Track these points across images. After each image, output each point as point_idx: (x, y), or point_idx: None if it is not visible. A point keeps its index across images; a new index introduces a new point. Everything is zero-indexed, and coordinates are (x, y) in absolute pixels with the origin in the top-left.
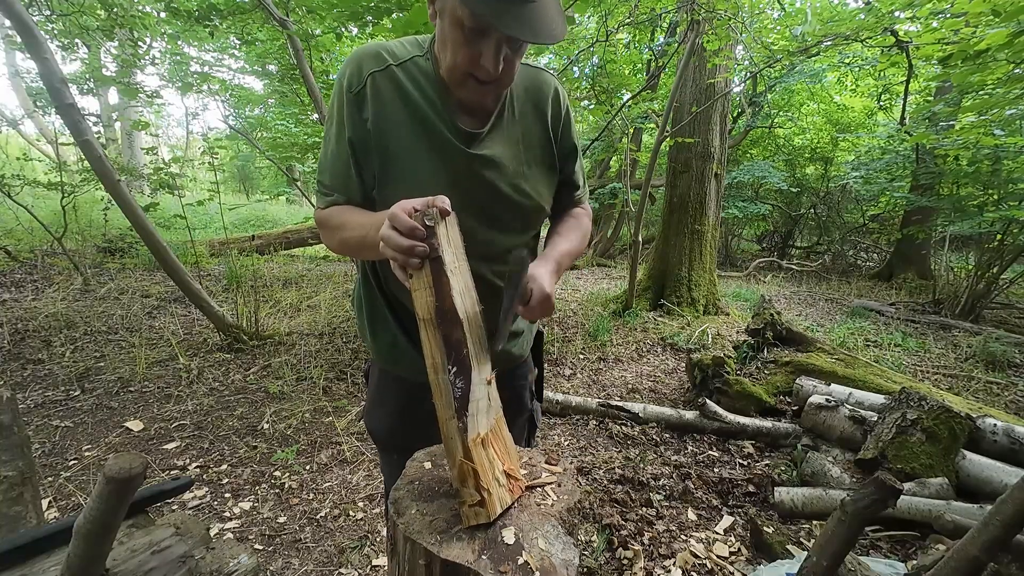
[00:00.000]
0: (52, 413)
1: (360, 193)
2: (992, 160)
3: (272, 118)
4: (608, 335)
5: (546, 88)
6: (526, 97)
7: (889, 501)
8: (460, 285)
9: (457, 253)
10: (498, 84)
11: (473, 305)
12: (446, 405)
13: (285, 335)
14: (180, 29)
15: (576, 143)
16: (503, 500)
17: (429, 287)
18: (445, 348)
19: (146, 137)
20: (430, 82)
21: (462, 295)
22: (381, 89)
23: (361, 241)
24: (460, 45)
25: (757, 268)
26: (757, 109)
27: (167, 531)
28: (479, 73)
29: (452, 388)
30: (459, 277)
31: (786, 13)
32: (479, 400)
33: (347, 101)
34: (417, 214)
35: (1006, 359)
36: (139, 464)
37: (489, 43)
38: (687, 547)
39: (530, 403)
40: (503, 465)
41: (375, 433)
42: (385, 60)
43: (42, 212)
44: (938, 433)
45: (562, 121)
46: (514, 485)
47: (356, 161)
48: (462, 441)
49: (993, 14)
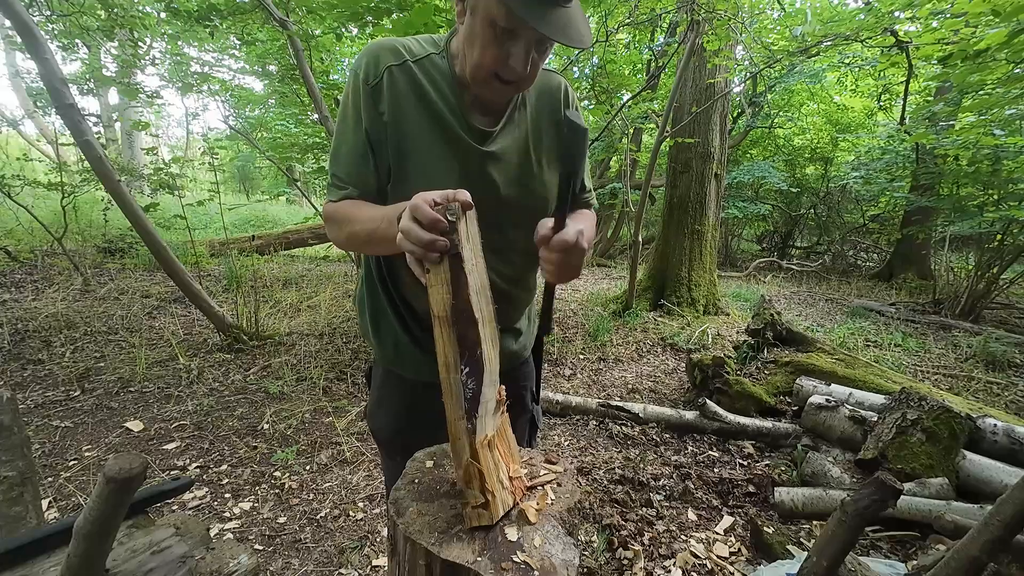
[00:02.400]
0: (52, 413)
1: (375, 186)
2: (992, 160)
3: (272, 118)
4: (608, 335)
5: (555, 87)
6: (537, 95)
7: (889, 501)
8: (477, 284)
9: (475, 250)
10: (519, 85)
11: (488, 305)
12: (456, 405)
13: (285, 335)
14: (180, 29)
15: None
16: (506, 503)
17: (446, 283)
18: (459, 347)
19: (146, 137)
20: (445, 80)
21: (478, 294)
22: (398, 83)
23: (371, 235)
24: (490, 43)
25: (757, 268)
26: (757, 109)
27: (167, 531)
28: (505, 73)
29: (464, 388)
30: (476, 276)
31: (786, 13)
32: (488, 401)
33: (364, 93)
34: (439, 207)
35: (1006, 359)
36: (139, 464)
37: (519, 44)
38: (687, 547)
39: (531, 405)
40: (507, 468)
41: (378, 434)
42: (402, 55)
43: (42, 212)
44: (938, 433)
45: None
46: (516, 486)
47: (373, 153)
48: (470, 442)
49: (993, 14)
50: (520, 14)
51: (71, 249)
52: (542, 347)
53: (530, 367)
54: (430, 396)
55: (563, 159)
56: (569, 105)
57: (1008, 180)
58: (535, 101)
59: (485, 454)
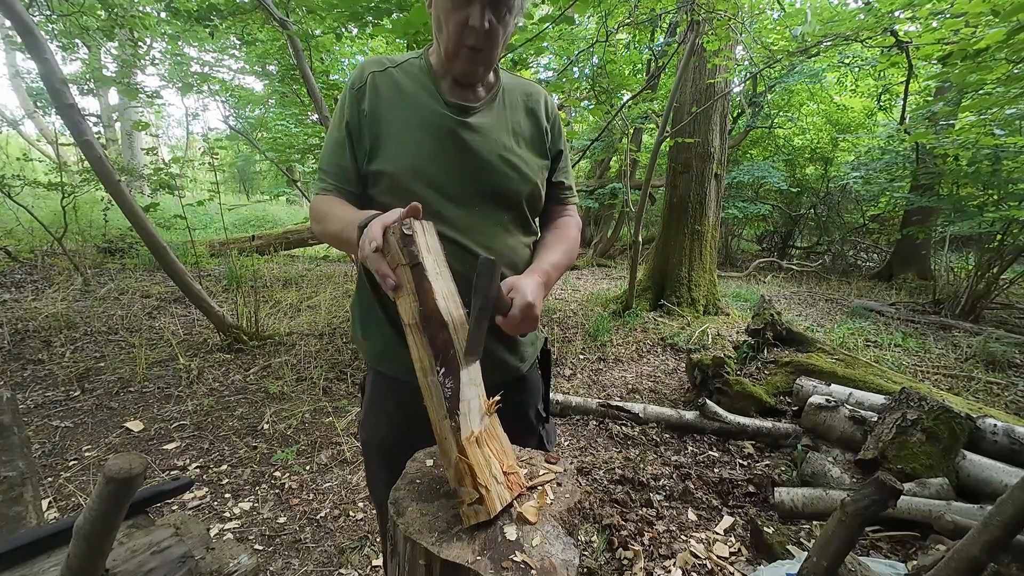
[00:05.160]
0: (52, 413)
1: (353, 172)
2: (992, 160)
3: (272, 118)
4: (608, 335)
5: (537, 93)
6: (517, 94)
7: (889, 501)
8: (443, 289)
9: (437, 260)
10: (486, 53)
11: (458, 308)
12: (438, 406)
13: (285, 335)
14: (180, 29)
15: (564, 147)
16: (502, 497)
17: (412, 292)
18: (432, 350)
19: (146, 137)
20: (423, 73)
21: (446, 299)
22: (379, 85)
23: (338, 234)
24: (450, 14)
25: (757, 268)
26: (757, 109)
27: (167, 531)
28: (468, 38)
29: (442, 388)
30: (441, 282)
31: (786, 13)
32: (470, 400)
33: (349, 97)
34: (394, 225)
35: (1006, 359)
36: (139, 464)
37: (475, 5)
38: (687, 547)
39: (538, 424)
40: (500, 464)
41: (369, 441)
42: (385, 64)
43: (42, 212)
44: (938, 433)
45: (552, 123)
46: (513, 482)
47: (351, 143)
48: (456, 440)
49: (993, 14)
50: None
51: (71, 249)
52: (550, 363)
53: (531, 385)
54: (419, 398)
55: (475, 293)
56: (551, 112)
57: (1008, 180)
58: (515, 98)
59: (473, 450)
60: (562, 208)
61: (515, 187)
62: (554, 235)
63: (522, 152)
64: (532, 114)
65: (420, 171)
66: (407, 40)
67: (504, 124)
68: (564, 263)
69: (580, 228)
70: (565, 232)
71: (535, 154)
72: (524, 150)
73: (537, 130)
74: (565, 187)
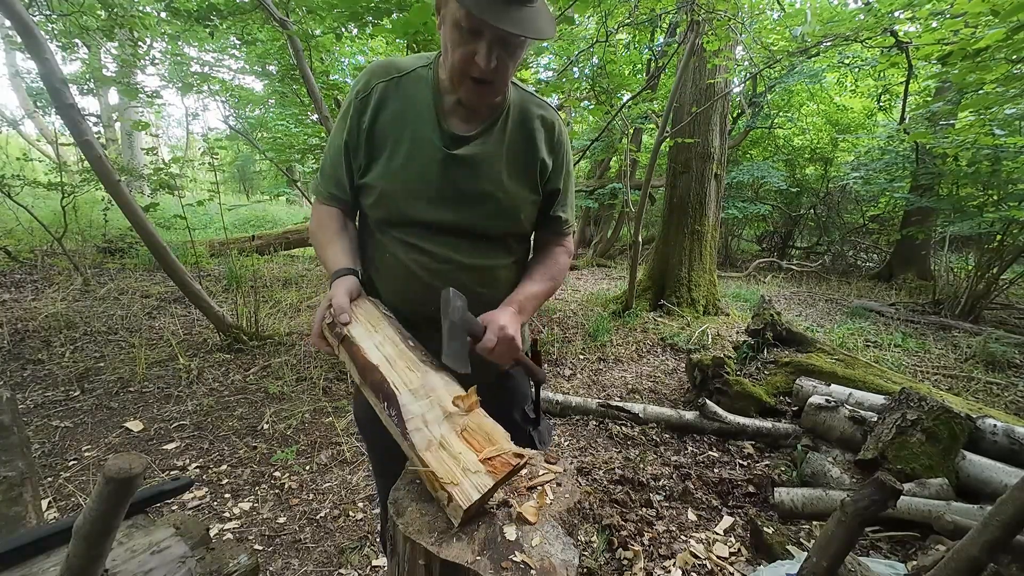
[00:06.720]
0: (52, 413)
1: (347, 183)
2: (992, 160)
3: (272, 118)
4: (608, 335)
5: (546, 119)
6: (522, 119)
7: (889, 502)
8: (376, 340)
9: (370, 319)
10: (493, 85)
11: (396, 344)
12: (396, 435)
13: (285, 335)
14: (180, 29)
15: (567, 183)
16: (480, 485)
17: (349, 360)
18: (374, 392)
19: (146, 137)
20: (428, 88)
21: (379, 347)
22: (383, 97)
23: (320, 260)
24: (457, 45)
25: (757, 268)
26: (757, 109)
27: (167, 531)
28: (473, 71)
29: (390, 418)
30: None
31: (786, 13)
32: (423, 413)
33: (353, 107)
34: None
35: (1006, 359)
36: (139, 464)
37: (482, 42)
38: (687, 547)
39: (526, 427)
40: (477, 455)
41: (362, 418)
42: (391, 73)
43: (42, 212)
44: (938, 433)
45: (556, 157)
46: (497, 464)
47: (347, 157)
48: (415, 454)
49: (992, 14)
50: (477, 13)
51: (71, 249)
52: (539, 363)
53: (514, 387)
54: None
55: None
56: (555, 143)
57: (1008, 180)
58: (519, 123)
59: (436, 455)
60: (557, 239)
61: (494, 222)
62: (542, 266)
63: (510, 185)
64: (531, 143)
65: (406, 192)
66: (407, 40)
67: (498, 154)
68: (544, 293)
69: (572, 256)
70: (553, 263)
71: (526, 188)
72: (514, 182)
73: (533, 163)
74: (563, 221)
